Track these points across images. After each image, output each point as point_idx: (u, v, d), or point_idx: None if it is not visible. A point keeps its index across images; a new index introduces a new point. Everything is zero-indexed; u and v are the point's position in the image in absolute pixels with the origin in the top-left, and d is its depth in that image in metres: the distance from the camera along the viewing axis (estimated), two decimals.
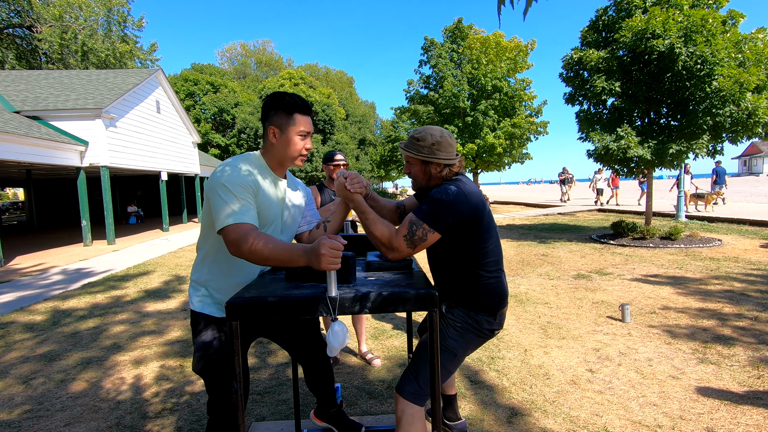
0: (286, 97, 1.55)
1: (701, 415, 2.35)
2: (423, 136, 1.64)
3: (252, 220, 1.42)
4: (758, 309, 4.03)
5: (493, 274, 1.67)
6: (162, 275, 6.80)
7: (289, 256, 1.34)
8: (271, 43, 72.70)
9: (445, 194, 1.53)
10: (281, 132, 1.55)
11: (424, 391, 1.61)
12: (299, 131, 1.56)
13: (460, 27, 18.97)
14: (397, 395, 1.64)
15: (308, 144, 1.60)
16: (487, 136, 16.88)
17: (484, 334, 1.70)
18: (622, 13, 8.06)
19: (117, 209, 18.81)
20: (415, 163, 1.68)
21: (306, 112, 1.57)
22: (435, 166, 1.65)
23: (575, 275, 5.75)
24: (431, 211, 1.51)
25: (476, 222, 1.58)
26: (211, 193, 1.45)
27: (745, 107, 6.74)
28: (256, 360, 3.33)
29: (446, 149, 1.63)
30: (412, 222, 1.52)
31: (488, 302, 1.67)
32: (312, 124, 1.62)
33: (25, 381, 3.08)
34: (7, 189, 41.79)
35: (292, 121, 1.55)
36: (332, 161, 3.07)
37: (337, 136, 30.03)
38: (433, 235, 1.52)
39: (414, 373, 1.64)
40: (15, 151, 8.58)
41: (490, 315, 1.68)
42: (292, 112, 1.54)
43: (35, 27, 21.47)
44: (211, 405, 1.58)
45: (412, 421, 1.59)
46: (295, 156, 1.59)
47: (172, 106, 15.15)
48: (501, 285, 1.70)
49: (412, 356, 1.71)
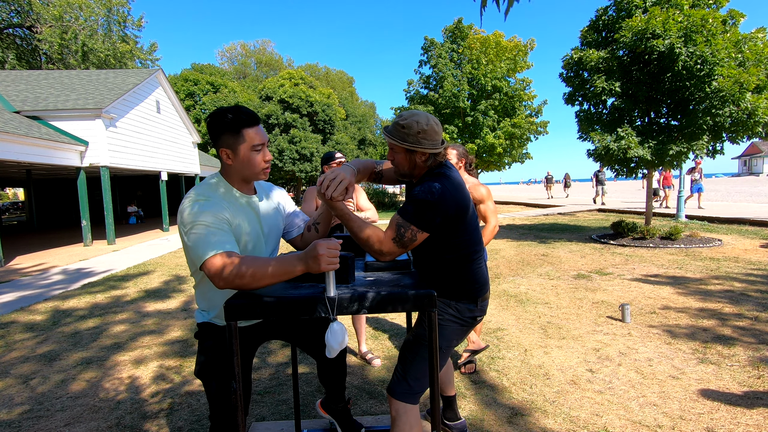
0: (228, 114, 1.44)
1: (701, 415, 2.35)
2: (408, 123, 1.54)
3: (232, 248, 1.35)
4: (758, 309, 4.03)
5: (473, 263, 1.66)
6: (162, 275, 6.80)
7: (284, 268, 1.29)
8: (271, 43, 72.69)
9: (429, 194, 1.48)
10: (234, 152, 1.46)
11: (415, 389, 1.61)
12: (252, 146, 1.46)
13: (460, 27, 18.96)
14: (390, 396, 1.64)
15: (267, 156, 1.50)
16: (487, 136, 16.88)
17: (467, 323, 1.69)
18: (622, 13, 8.05)
19: (117, 209, 18.80)
20: (399, 150, 1.59)
21: (253, 123, 1.47)
22: (420, 154, 1.56)
23: (575, 275, 5.75)
24: (417, 212, 1.48)
25: (461, 217, 1.57)
26: (183, 233, 1.39)
27: (745, 107, 6.74)
28: (256, 360, 3.32)
29: (432, 137, 1.55)
30: (400, 224, 1.49)
31: (469, 289, 1.67)
32: (264, 133, 1.50)
33: (25, 381, 3.08)
34: (7, 189, 41.82)
35: (242, 138, 1.44)
36: (332, 161, 3.05)
37: (337, 136, 30.02)
38: (422, 234, 1.51)
39: (402, 373, 1.64)
40: (15, 151, 8.58)
41: (471, 302, 1.68)
42: (238, 129, 1.44)
43: (35, 27, 21.48)
44: (212, 412, 1.58)
45: (407, 420, 1.59)
46: (258, 171, 1.50)
47: (172, 106, 15.15)
48: (481, 272, 1.69)
49: (399, 355, 1.71)
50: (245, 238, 1.51)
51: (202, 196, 1.44)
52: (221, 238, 1.36)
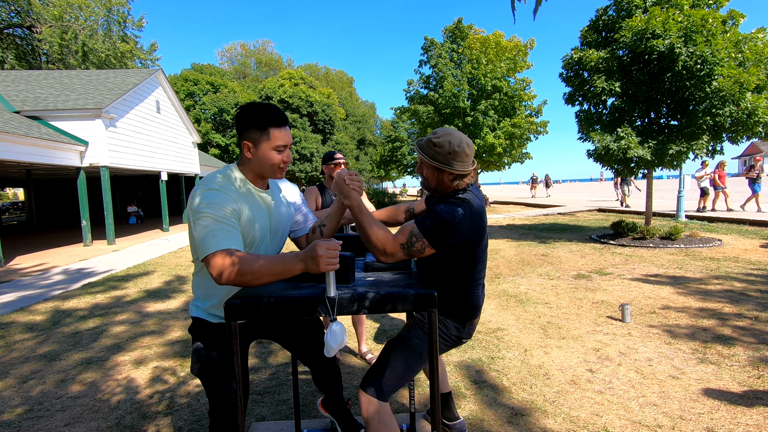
0: (259, 111, 1.45)
1: (701, 415, 2.35)
2: (441, 143, 1.57)
3: (236, 245, 1.35)
4: (758, 309, 4.03)
5: (471, 289, 1.67)
6: (162, 275, 6.80)
7: (284, 267, 1.29)
8: (271, 43, 72.73)
9: (452, 216, 1.49)
10: (255, 147, 1.47)
11: (385, 388, 1.62)
12: (275, 146, 1.47)
13: (460, 27, 18.96)
14: (361, 391, 1.65)
15: (286, 157, 1.51)
16: (487, 136, 16.87)
17: (451, 340, 1.70)
18: (622, 13, 8.05)
19: (117, 209, 18.80)
20: (428, 167, 1.63)
21: (281, 124, 1.47)
22: (447, 174, 1.59)
23: (575, 275, 5.75)
24: (434, 228, 1.49)
25: (474, 246, 1.59)
26: (192, 220, 1.39)
27: (745, 107, 6.74)
28: (257, 360, 3.33)
29: (462, 159, 1.58)
30: (413, 233, 1.49)
31: (460, 311, 1.68)
32: (289, 134, 1.51)
33: (26, 381, 3.08)
34: (7, 189, 41.82)
35: (266, 136, 1.45)
36: (332, 161, 3.05)
37: (336, 136, 30.03)
38: (430, 250, 1.52)
39: (380, 370, 1.65)
40: (15, 151, 8.58)
41: (460, 323, 1.69)
42: (265, 126, 1.44)
43: (35, 27, 21.47)
44: (212, 408, 1.58)
45: (379, 418, 1.60)
46: (275, 170, 1.51)
47: (172, 106, 15.15)
48: (476, 298, 1.70)
49: (380, 352, 1.71)
50: (253, 233, 1.51)
51: (216, 186, 1.43)
52: (226, 235, 1.35)
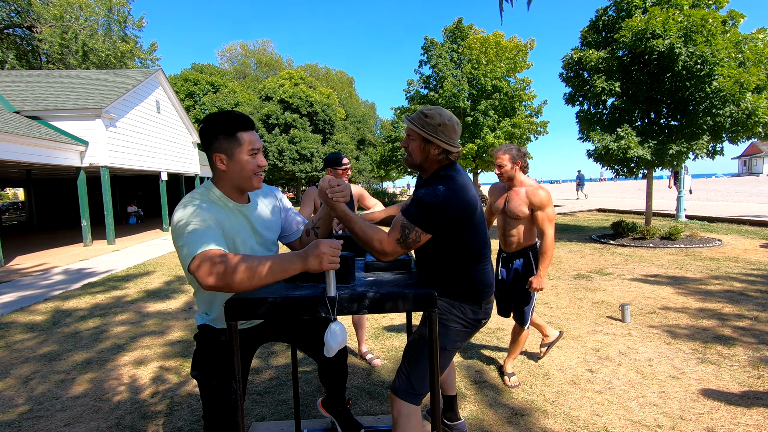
0: (223, 118, 1.42)
1: (701, 415, 2.35)
2: (432, 114, 1.60)
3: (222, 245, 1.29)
4: (758, 309, 4.03)
5: (480, 264, 1.66)
6: (162, 275, 6.80)
7: (283, 266, 1.23)
8: (271, 43, 72.73)
9: (434, 196, 1.50)
10: (228, 156, 1.42)
11: (417, 389, 1.61)
12: (248, 150, 1.43)
13: (460, 27, 18.97)
14: (392, 395, 1.64)
15: (261, 161, 1.48)
16: (487, 136, 16.87)
17: (471, 325, 1.69)
18: (622, 13, 8.06)
19: (117, 209, 18.80)
20: (415, 137, 1.64)
21: (248, 127, 1.44)
22: (434, 147, 1.61)
23: (575, 275, 5.75)
24: (422, 214, 1.50)
25: (467, 218, 1.58)
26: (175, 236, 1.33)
27: (745, 107, 6.74)
28: (256, 360, 3.32)
29: (450, 134, 1.61)
30: (404, 226, 1.51)
31: (473, 291, 1.67)
32: (258, 139, 1.48)
33: (26, 381, 3.08)
34: (7, 189, 41.81)
35: (237, 142, 1.42)
36: (339, 166, 2.86)
37: (336, 136, 30.03)
38: (425, 236, 1.52)
39: (406, 372, 1.64)
40: (15, 151, 8.58)
41: (475, 304, 1.68)
42: (233, 132, 1.41)
43: (35, 27, 21.46)
44: (206, 411, 1.56)
45: (408, 420, 1.59)
46: (251, 177, 1.46)
47: (172, 106, 15.15)
48: (486, 274, 1.69)
49: (403, 354, 1.71)
50: (235, 248, 1.47)
51: (195, 203, 1.38)
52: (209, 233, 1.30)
